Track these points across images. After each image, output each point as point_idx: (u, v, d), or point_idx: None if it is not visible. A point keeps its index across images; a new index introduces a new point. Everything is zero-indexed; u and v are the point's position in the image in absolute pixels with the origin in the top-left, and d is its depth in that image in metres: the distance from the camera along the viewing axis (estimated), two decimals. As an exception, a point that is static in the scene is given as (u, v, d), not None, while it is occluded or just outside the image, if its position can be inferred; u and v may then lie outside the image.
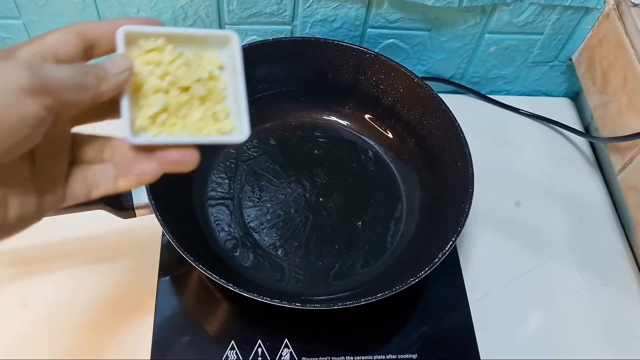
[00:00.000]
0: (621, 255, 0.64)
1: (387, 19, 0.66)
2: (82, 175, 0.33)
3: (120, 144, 0.34)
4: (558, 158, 0.72)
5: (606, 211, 0.67)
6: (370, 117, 0.67)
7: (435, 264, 0.49)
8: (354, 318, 0.55)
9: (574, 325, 0.58)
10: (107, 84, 0.30)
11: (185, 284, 0.56)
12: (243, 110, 0.36)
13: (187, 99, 0.35)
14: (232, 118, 0.37)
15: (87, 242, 0.58)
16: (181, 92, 0.35)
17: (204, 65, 0.36)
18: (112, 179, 0.33)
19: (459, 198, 0.54)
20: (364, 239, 0.59)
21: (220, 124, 0.36)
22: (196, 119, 0.35)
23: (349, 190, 0.62)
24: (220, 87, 0.37)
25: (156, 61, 0.35)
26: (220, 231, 0.58)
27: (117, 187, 0.33)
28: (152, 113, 0.34)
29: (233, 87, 0.37)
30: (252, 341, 0.53)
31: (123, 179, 0.33)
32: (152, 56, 0.35)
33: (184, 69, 0.35)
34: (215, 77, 0.37)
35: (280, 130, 0.66)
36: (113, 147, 0.34)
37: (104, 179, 0.33)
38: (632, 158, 0.63)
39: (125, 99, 0.32)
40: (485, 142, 0.71)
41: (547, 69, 0.75)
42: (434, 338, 0.55)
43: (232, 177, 0.62)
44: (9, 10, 0.62)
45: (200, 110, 0.36)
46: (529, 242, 0.64)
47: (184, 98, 0.35)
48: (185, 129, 0.35)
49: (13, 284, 0.54)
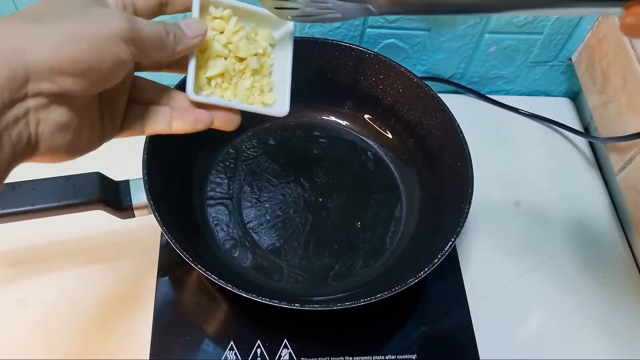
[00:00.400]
0: (621, 255, 0.64)
1: (387, 18, 0.66)
2: (139, 113, 0.37)
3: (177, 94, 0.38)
4: (558, 158, 0.72)
5: (606, 211, 0.67)
6: (370, 117, 0.67)
7: (434, 265, 0.49)
8: (354, 318, 0.55)
9: (574, 325, 0.58)
10: (183, 45, 0.35)
11: (184, 284, 0.56)
12: (287, 87, 0.41)
13: (242, 69, 0.39)
14: (274, 92, 0.41)
15: (86, 242, 0.58)
16: (237, 61, 0.39)
17: (260, 41, 0.40)
18: (168, 120, 0.37)
19: (458, 198, 0.54)
20: (364, 239, 0.59)
21: (264, 97, 0.41)
22: (245, 88, 0.40)
23: (349, 191, 0.62)
24: (269, 62, 0.41)
25: (220, 29, 0.39)
26: (219, 231, 0.58)
27: (172, 128, 0.37)
28: (212, 75, 0.38)
29: (279, 64, 0.41)
30: (251, 342, 0.53)
31: (178, 122, 0.37)
32: (217, 23, 0.38)
33: (244, 42, 0.39)
34: (266, 53, 0.41)
35: (280, 130, 0.66)
36: (169, 94, 0.38)
37: (161, 119, 0.37)
38: (631, 158, 0.63)
39: (193, 60, 0.36)
40: (485, 142, 0.71)
41: (546, 69, 0.75)
42: (433, 338, 0.55)
43: (231, 177, 0.62)
44: (8, 10, 0.61)
45: (250, 80, 0.40)
46: (529, 242, 0.64)
47: (239, 67, 0.39)
48: (235, 95, 0.39)
49: (12, 284, 0.54)
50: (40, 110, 0.29)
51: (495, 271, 0.61)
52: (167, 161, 0.55)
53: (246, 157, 0.63)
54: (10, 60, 0.27)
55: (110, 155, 0.43)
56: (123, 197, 0.51)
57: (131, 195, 0.51)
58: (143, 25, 0.32)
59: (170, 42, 0.34)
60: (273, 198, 0.61)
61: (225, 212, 0.59)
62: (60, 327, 0.52)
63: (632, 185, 0.63)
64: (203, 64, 0.38)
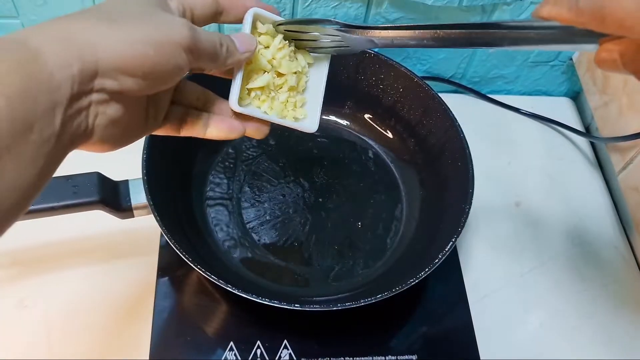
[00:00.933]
0: (621, 255, 0.64)
1: (387, 18, 0.66)
2: (179, 114, 0.38)
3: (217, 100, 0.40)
4: (558, 158, 0.72)
5: (606, 211, 0.67)
6: (370, 117, 0.67)
7: (435, 265, 0.49)
8: (354, 319, 0.55)
9: (574, 326, 0.58)
10: (233, 59, 0.36)
11: (183, 285, 0.56)
12: (319, 104, 0.43)
13: (280, 83, 0.41)
14: (306, 108, 0.43)
15: (85, 243, 0.58)
16: (277, 75, 0.41)
17: (300, 60, 0.42)
18: (205, 125, 0.39)
19: (459, 198, 0.54)
20: (364, 239, 0.59)
21: (296, 112, 0.43)
22: (280, 101, 0.41)
23: (349, 191, 0.62)
24: (304, 79, 0.43)
25: (266, 44, 0.40)
26: (219, 232, 0.58)
27: (206, 134, 0.39)
28: (254, 87, 0.40)
29: (314, 82, 0.43)
30: (251, 342, 0.53)
31: (213, 129, 0.39)
32: (263, 38, 0.40)
33: (287, 59, 0.41)
34: (304, 72, 0.43)
35: (280, 130, 0.66)
36: (210, 100, 0.40)
37: (198, 123, 0.39)
38: (632, 158, 0.63)
39: (240, 73, 0.38)
40: (485, 142, 0.71)
41: (547, 69, 0.75)
42: (434, 339, 0.55)
43: (231, 177, 0.62)
44: (7, 10, 0.61)
45: (285, 95, 0.42)
46: (529, 242, 0.64)
47: (278, 82, 0.41)
48: (271, 107, 0.41)
49: (12, 284, 0.54)
50: (100, 104, 0.30)
51: (496, 271, 0.61)
52: (167, 161, 0.55)
53: (246, 157, 0.63)
54: (84, 55, 0.28)
55: (110, 155, 0.42)
56: (122, 197, 0.51)
57: (130, 196, 0.51)
58: (202, 36, 0.33)
59: (222, 54, 0.35)
60: (273, 198, 0.61)
61: (225, 212, 0.59)
62: (60, 327, 0.52)
63: (632, 185, 0.63)
64: (246, 74, 0.39)
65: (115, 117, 0.32)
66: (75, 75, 0.28)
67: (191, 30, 0.32)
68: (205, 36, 0.34)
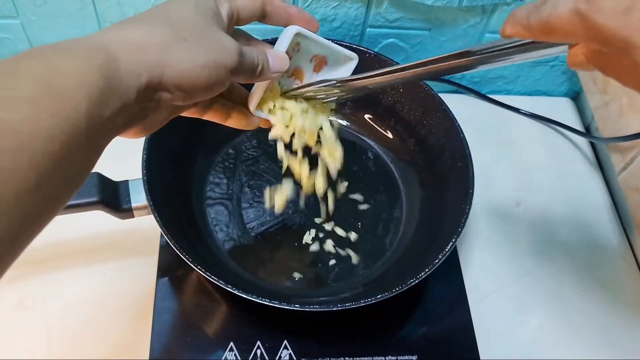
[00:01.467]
0: (621, 256, 0.64)
1: (387, 18, 0.66)
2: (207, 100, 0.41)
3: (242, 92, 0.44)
4: (558, 158, 0.72)
5: (607, 211, 0.67)
6: (370, 117, 0.67)
7: (435, 265, 0.49)
8: (354, 319, 0.55)
9: (574, 326, 0.58)
10: (263, 76, 0.39)
11: (183, 285, 0.56)
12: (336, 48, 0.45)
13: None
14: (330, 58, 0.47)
15: (85, 243, 0.58)
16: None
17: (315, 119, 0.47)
18: (227, 113, 0.43)
19: (459, 198, 0.54)
20: (364, 239, 0.59)
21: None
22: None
23: (349, 191, 0.62)
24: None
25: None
26: (219, 232, 0.58)
27: (226, 121, 0.43)
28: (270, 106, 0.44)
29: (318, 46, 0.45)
30: (251, 342, 0.53)
31: (233, 119, 0.43)
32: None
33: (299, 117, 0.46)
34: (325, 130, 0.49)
35: (280, 131, 0.66)
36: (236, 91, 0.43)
37: (221, 110, 0.42)
38: (633, 158, 0.63)
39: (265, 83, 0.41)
40: (486, 142, 0.70)
41: (547, 69, 0.75)
42: (434, 339, 0.55)
43: (231, 177, 0.62)
44: (7, 10, 0.61)
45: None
46: (529, 242, 0.64)
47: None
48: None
49: (11, 285, 0.54)
50: (151, 109, 0.34)
51: (496, 271, 0.61)
52: (167, 161, 0.55)
53: (246, 157, 0.63)
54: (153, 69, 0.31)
55: (110, 155, 0.43)
56: (122, 197, 0.51)
57: (130, 196, 0.51)
58: (246, 58, 0.36)
59: (256, 72, 0.38)
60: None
61: (224, 212, 0.59)
62: (60, 328, 0.52)
63: (633, 185, 0.63)
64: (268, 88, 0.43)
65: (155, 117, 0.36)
66: (142, 85, 0.31)
67: (239, 55, 0.35)
68: (248, 58, 0.36)
